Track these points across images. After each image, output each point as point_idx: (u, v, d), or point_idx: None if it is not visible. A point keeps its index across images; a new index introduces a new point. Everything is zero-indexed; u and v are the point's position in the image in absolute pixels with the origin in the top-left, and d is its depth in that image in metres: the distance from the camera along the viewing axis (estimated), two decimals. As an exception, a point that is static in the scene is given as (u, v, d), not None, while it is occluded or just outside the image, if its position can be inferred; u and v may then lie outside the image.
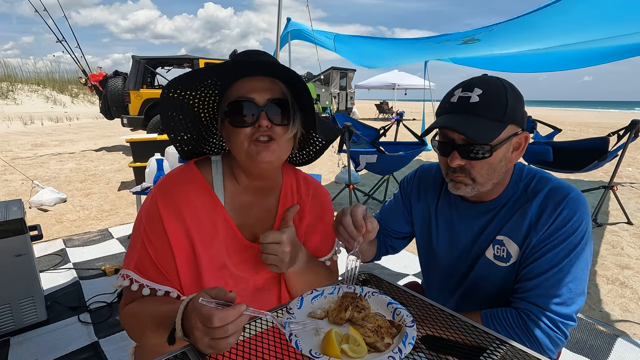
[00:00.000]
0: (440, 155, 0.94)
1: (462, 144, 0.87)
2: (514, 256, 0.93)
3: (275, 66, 0.75)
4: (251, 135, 0.79)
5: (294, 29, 5.30)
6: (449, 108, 0.89)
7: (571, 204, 0.87)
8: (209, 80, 0.80)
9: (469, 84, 0.87)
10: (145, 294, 0.81)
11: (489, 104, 0.84)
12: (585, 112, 41.13)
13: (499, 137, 0.84)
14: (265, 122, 0.78)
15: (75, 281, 2.50)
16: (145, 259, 0.81)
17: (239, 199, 0.90)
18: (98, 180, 5.43)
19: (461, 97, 0.87)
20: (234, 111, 0.79)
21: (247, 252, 0.89)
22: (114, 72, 7.89)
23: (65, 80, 22.03)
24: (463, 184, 0.91)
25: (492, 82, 0.87)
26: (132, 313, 0.80)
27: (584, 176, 5.76)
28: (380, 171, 4.30)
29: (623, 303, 2.44)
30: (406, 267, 2.88)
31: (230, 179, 0.90)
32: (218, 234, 0.85)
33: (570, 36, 3.49)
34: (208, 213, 0.85)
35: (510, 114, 0.84)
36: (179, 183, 0.85)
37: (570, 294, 0.85)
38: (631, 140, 3.68)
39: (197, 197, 0.85)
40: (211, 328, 0.56)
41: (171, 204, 0.82)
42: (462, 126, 0.84)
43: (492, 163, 0.87)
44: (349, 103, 17.87)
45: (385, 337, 0.66)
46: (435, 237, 1.10)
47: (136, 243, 0.83)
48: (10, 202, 2.08)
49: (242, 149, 0.80)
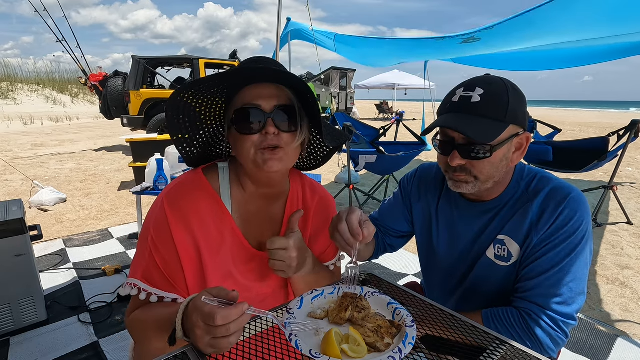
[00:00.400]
0: (441, 154, 0.94)
1: (462, 144, 0.87)
2: (514, 256, 0.93)
3: (281, 73, 0.74)
4: (258, 143, 0.78)
5: (294, 29, 5.30)
6: (450, 107, 0.89)
7: (572, 203, 0.87)
8: (214, 89, 0.79)
9: (471, 84, 0.87)
10: (153, 302, 0.81)
11: (490, 103, 0.84)
12: (585, 112, 41.13)
13: (500, 137, 0.84)
14: (272, 128, 0.77)
15: (75, 281, 2.50)
16: (153, 267, 0.81)
17: (246, 207, 0.90)
18: (98, 180, 5.43)
19: (462, 96, 0.87)
20: (240, 118, 0.78)
21: (253, 261, 0.89)
22: (114, 72, 7.89)
23: (65, 80, 22.03)
24: (464, 182, 0.91)
25: (494, 82, 0.87)
26: (138, 319, 0.80)
27: (584, 176, 5.76)
28: (380, 171, 4.30)
29: (623, 303, 2.44)
30: (406, 267, 2.88)
31: (237, 187, 0.89)
32: (225, 242, 0.85)
33: (570, 34, 3.48)
34: (216, 222, 0.85)
35: (512, 114, 0.84)
36: (187, 191, 0.84)
37: (570, 293, 0.85)
38: (631, 140, 3.68)
39: (205, 206, 0.84)
40: (213, 327, 0.56)
41: (179, 213, 0.81)
42: (462, 126, 0.84)
43: (493, 163, 0.87)
44: (349, 103, 17.86)
45: (386, 337, 0.66)
46: (436, 236, 1.10)
47: (144, 252, 0.82)
48: (10, 202, 2.08)
49: (249, 157, 0.80)
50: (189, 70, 8.16)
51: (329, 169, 6.63)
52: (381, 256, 1.27)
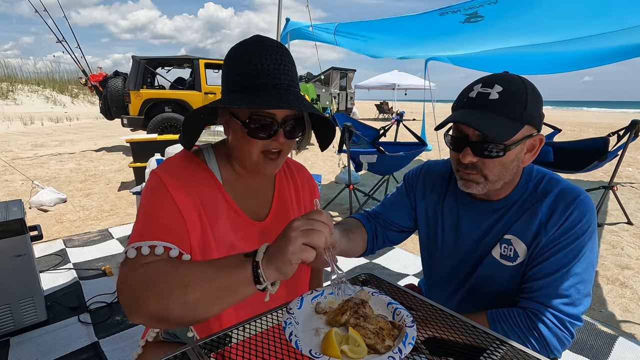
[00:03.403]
0: (452, 150, 0.92)
1: (476, 141, 0.85)
2: (521, 256, 0.93)
3: (302, 105, 0.78)
4: (263, 147, 0.83)
5: (293, 28, 5.29)
6: (467, 103, 0.87)
7: (581, 205, 0.87)
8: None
9: (490, 80, 0.85)
10: (159, 253, 0.73)
11: (508, 102, 0.82)
12: (585, 112, 41.14)
13: (515, 137, 0.82)
14: (282, 139, 0.83)
15: (75, 281, 2.50)
16: (153, 223, 0.77)
17: (236, 183, 0.93)
18: (98, 181, 5.43)
19: (480, 92, 0.85)
20: (253, 123, 0.80)
21: (252, 231, 0.92)
22: (114, 73, 7.88)
23: (65, 80, 22.02)
24: (474, 182, 0.90)
25: (513, 80, 0.85)
26: (164, 272, 0.69)
27: (584, 176, 5.76)
28: (380, 171, 4.30)
29: (623, 303, 2.44)
30: (406, 267, 2.88)
31: (225, 166, 0.92)
32: (220, 212, 0.87)
33: (578, 17, 3.41)
34: (210, 191, 0.87)
35: (528, 115, 0.83)
36: (180, 163, 0.87)
37: (578, 294, 0.85)
38: (631, 141, 3.67)
39: (199, 176, 0.87)
40: (314, 220, 0.66)
41: (177, 180, 0.82)
42: (478, 122, 0.82)
43: (505, 163, 0.86)
44: (349, 103, 17.86)
45: (387, 339, 0.66)
46: (441, 235, 1.09)
47: (139, 217, 0.80)
48: (10, 203, 2.08)
49: (252, 158, 0.84)
50: (189, 70, 8.16)
51: (329, 169, 6.63)
52: (381, 256, 1.26)
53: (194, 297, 0.65)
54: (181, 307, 0.65)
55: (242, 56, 0.79)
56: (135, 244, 0.74)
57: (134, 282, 0.70)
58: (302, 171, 1.11)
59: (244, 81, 0.79)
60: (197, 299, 0.65)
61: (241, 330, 0.73)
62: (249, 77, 0.78)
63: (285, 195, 1.02)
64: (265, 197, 0.99)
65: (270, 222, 0.96)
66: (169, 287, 0.66)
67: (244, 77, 0.79)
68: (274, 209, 0.98)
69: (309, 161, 7.47)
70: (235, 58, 0.80)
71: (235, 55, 0.81)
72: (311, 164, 7.21)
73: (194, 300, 0.65)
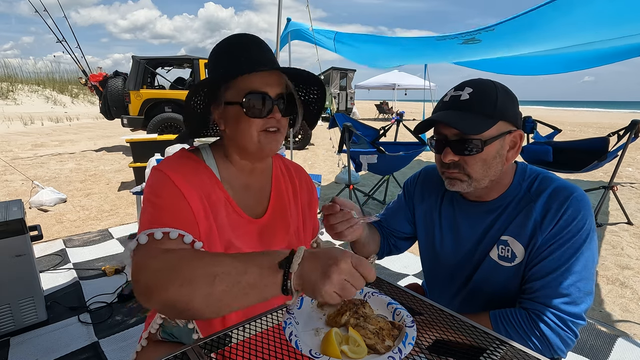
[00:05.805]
0: (436, 152, 0.96)
1: (454, 140, 0.89)
2: (518, 256, 0.93)
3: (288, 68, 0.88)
4: (261, 126, 0.85)
5: (294, 29, 5.29)
6: (442, 107, 0.93)
7: (575, 203, 0.87)
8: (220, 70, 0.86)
9: (461, 85, 0.92)
10: (173, 238, 0.72)
11: (478, 100, 0.87)
12: (585, 112, 41.11)
13: (489, 131, 0.86)
14: (278, 114, 0.86)
15: (75, 281, 2.50)
16: (162, 211, 0.77)
17: (235, 180, 0.94)
18: (98, 181, 5.43)
19: (453, 95, 0.91)
20: (250, 102, 0.83)
21: (250, 229, 0.93)
22: (114, 73, 7.88)
23: (65, 80, 22.01)
24: (458, 180, 0.93)
25: (483, 82, 0.90)
26: (190, 259, 0.66)
27: (584, 176, 5.76)
28: (381, 171, 4.30)
29: (623, 303, 2.44)
30: (406, 267, 2.88)
31: (224, 163, 0.93)
32: (220, 210, 0.88)
33: (572, 38, 3.47)
34: (212, 188, 0.87)
35: (500, 110, 0.86)
36: (180, 160, 0.88)
37: (578, 293, 0.85)
38: (631, 141, 3.67)
39: (200, 172, 0.88)
40: (360, 277, 0.60)
41: (181, 175, 0.82)
42: (450, 119, 0.87)
43: (486, 159, 0.88)
44: (349, 103, 17.84)
45: (387, 340, 0.66)
46: (439, 238, 1.10)
47: (146, 209, 0.79)
48: (10, 203, 2.08)
49: (253, 138, 0.86)
50: (189, 70, 8.16)
51: (329, 169, 6.63)
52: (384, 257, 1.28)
53: (220, 290, 0.62)
54: (205, 298, 0.62)
55: (227, 46, 0.87)
56: (147, 230, 0.73)
57: (154, 266, 0.66)
58: (301, 172, 1.12)
59: (230, 65, 0.84)
60: (222, 291, 0.62)
61: (241, 330, 0.73)
62: (234, 58, 0.84)
63: (282, 193, 1.03)
64: (263, 194, 1.00)
65: (267, 220, 0.97)
66: (195, 275, 0.63)
67: (229, 60, 0.85)
68: (272, 206, 0.99)
69: (309, 161, 7.47)
70: (219, 53, 0.88)
71: (218, 52, 0.88)
72: (311, 164, 7.20)
73: (219, 292, 0.62)
